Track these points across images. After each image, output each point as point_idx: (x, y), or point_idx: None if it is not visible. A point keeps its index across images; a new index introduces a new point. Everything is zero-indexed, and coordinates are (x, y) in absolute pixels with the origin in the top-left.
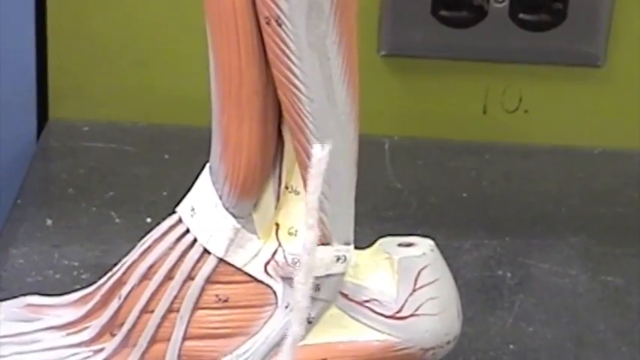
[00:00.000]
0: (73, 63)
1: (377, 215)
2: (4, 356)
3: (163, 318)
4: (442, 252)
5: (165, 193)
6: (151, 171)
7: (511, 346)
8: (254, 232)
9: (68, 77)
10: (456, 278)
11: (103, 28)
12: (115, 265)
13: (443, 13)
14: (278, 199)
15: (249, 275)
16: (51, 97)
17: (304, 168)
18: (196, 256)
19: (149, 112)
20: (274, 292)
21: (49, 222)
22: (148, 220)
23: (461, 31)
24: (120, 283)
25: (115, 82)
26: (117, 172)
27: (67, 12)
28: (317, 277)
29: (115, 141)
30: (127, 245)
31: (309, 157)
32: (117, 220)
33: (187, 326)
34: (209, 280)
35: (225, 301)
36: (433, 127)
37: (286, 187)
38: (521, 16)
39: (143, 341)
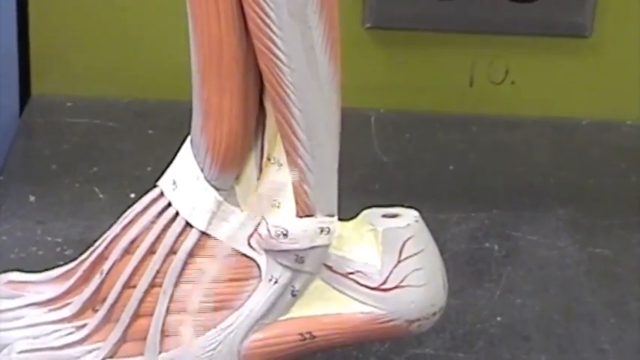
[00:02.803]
0: (54, 38)
1: (363, 188)
2: None
3: (146, 293)
4: (429, 225)
5: (149, 169)
6: (135, 146)
7: (499, 319)
8: (236, 205)
9: (50, 52)
10: (443, 251)
11: (84, 3)
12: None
13: None
14: (260, 170)
15: (232, 248)
16: (33, 72)
17: (286, 139)
18: (178, 230)
19: (132, 87)
20: (258, 266)
21: (32, 198)
22: (132, 195)
23: (447, 3)
24: (102, 258)
25: (98, 57)
26: (100, 148)
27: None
28: (301, 249)
29: (99, 116)
30: (110, 221)
31: (291, 128)
32: (100, 196)
33: (170, 301)
34: (191, 254)
35: (209, 274)
36: (419, 100)
37: (268, 159)
38: None
39: (126, 316)
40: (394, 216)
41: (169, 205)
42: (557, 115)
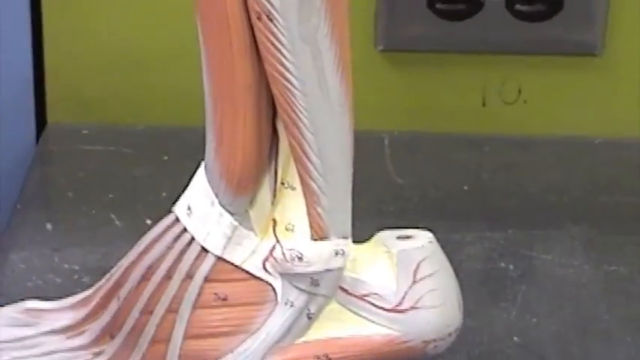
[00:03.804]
0: (69, 66)
1: (378, 210)
2: None
3: (163, 318)
4: (444, 245)
5: (164, 194)
6: (150, 172)
7: (515, 339)
8: (251, 229)
9: (65, 81)
10: (458, 271)
11: (98, 31)
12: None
13: (439, 6)
14: (274, 195)
15: (248, 272)
16: (49, 100)
17: (299, 163)
18: (194, 255)
19: (147, 114)
20: (273, 289)
21: (48, 226)
22: (148, 221)
23: (457, 24)
24: (118, 284)
25: (112, 85)
26: (116, 175)
27: (63, 15)
28: (316, 272)
29: (114, 143)
30: (127, 247)
31: (304, 151)
32: (117, 223)
33: (187, 326)
34: (207, 279)
35: (225, 299)
36: (432, 121)
37: (282, 183)
38: (517, 6)
39: (143, 342)
40: (408, 237)
41: (185, 230)
42: (569, 133)
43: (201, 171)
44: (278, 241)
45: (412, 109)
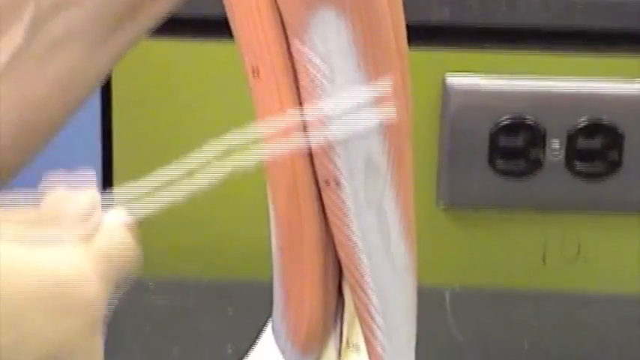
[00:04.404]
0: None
1: None
2: None
3: None
4: None
5: (230, 350)
6: (215, 326)
7: None
8: None
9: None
10: None
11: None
12: None
13: (499, 164)
14: (339, 354)
15: None
16: None
17: (365, 324)
18: None
19: (213, 267)
20: None
21: None
22: None
23: (518, 182)
24: None
25: (179, 238)
26: (182, 328)
27: (131, 171)
28: None
29: (180, 296)
30: None
31: (369, 312)
32: None
33: None
34: None
35: None
36: (493, 277)
37: (347, 344)
38: (577, 166)
39: None
40: None
41: None
42: (630, 291)
43: (268, 329)
44: None
45: (473, 265)
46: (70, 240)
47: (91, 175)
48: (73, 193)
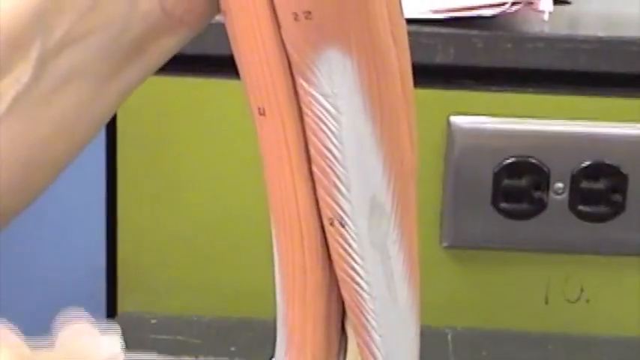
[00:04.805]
0: (141, 257)
1: None
2: None
3: None
4: None
5: None
6: None
7: None
8: None
9: (136, 271)
10: None
11: (170, 223)
12: None
13: (503, 205)
14: None
15: None
16: (120, 290)
17: None
18: None
19: (215, 305)
20: None
21: None
22: None
23: (521, 223)
24: None
25: (182, 276)
26: None
27: (136, 209)
28: None
29: (182, 333)
30: None
31: (372, 353)
32: None
33: None
34: None
35: None
36: (496, 318)
37: None
38: (580, 207)
39: None
40: None
41: None
42: (632, 334)
43: None
44: None
45: (476, 306)
46: None
47: (116, 328)
48: (95, 331)
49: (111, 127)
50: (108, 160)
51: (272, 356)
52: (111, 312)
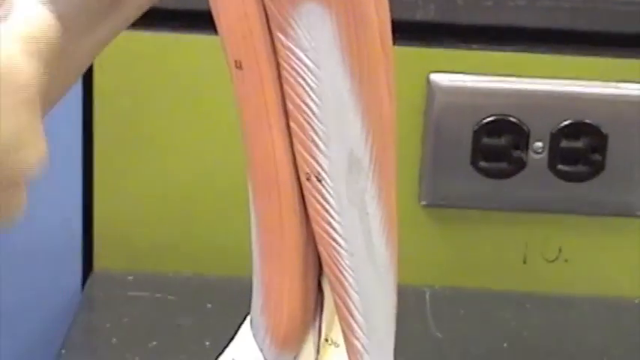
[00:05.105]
0: (117, 214)
1: None
2: None
3: None
4: None
5: (207, 344)
6: (194, 321)
7: None
8: None
9: (113, 228)
10: None
11: (147, 180)
12: None
13: (482, 164)
14: (318, 351)
15: None
16: (96, 247)
17: (344, 321)
18: None
19: (192, 263)
20: None
21: None
22: None
23: (500, 182)
24: None
25: (159, 233)
26: (160, 322)
27: (113, 165)
28: None
29: (159, 291)
30: None
31: (349, 310)
32: None
33: None
34: None
35: None
36: (474, 277)
37: (326, 340)
38: (559, 167)
39: None
40: None
41: None
42: (610, 293)
43: (246, 324)
44: None
45: (454, 265)
46: None
47: None
48: None
49: (87, 84)
50: (84, 117)
51: (248, 313)
52: (87, 270)
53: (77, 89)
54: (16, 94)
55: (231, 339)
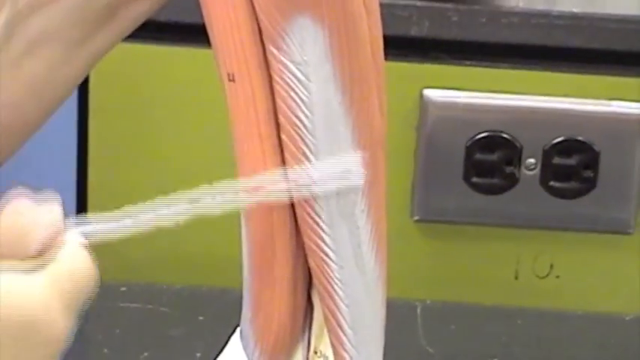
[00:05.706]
0: None
1: None
2: None
3: None
4: None
5: (198, 354)
6: (186, 332)
7: None
8: None
9: (106, 240)
10: None
11: (140, 192)
12: None
13: (475, 179)
14: None
15: None
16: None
17: (333, 334)
18: None
19: (185, 274)
20: None
21: None
22: None
23: (492, 198)
24: None
25: (152, 244)
26: (152, 333)
27: (107, 176)
28: None
29: (151, 302)
30: None
31: (338, 322)
32: None
33: None
34: None
35: None
36: (465, 292)
37: (315, 352)
38: (551, 183)
39: None
40: None
41: None
42: (601, 310)
43: (236, 336)
44: None
45: (445, 279)
46: (30, 262)
47: (55, 196)
48: (34, 206)
49: (83, 95)
50: (79, 129)
51: (238, 325)
52: None
53: (72, 101)
54: (46, 348)
55: (221, 350)
